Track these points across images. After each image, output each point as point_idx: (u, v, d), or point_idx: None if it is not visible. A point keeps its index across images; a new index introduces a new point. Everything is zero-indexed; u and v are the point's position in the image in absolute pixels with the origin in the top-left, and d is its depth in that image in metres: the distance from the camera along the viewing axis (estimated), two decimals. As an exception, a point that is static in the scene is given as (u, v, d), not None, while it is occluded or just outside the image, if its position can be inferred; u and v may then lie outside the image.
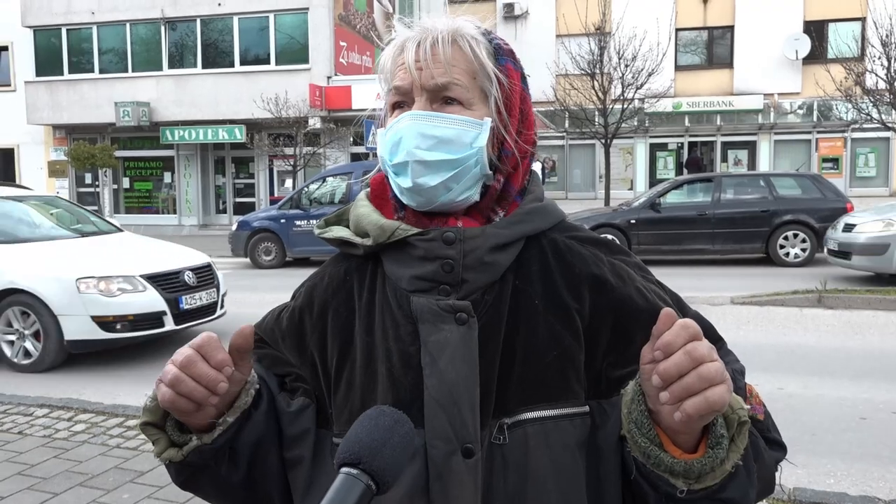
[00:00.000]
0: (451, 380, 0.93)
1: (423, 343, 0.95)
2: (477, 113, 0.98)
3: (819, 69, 18.50)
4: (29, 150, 23.34)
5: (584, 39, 18.80)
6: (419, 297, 0.97)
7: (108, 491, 3.93)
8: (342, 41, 20.97)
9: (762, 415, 0.95)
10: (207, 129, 21.15)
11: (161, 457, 0.94)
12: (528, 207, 1.02)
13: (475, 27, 1.01)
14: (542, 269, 1.00)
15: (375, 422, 0.79)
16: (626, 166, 24.16)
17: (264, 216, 14.30)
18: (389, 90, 1.01)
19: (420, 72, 0.97)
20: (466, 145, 0.97)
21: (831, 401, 5.34)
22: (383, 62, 1.02)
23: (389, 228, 1.00)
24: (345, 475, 0.75)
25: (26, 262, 6.99)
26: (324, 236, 1.10)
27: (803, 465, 4.10)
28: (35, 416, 5.23)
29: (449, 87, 0.97)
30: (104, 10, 21.61)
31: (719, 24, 23.89)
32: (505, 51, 1.02)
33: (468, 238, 0.97)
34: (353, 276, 1.06)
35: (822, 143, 23.03)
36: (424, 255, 0.98)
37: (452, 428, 0.92)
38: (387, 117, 1.03)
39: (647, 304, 0.98)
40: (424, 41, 0.98)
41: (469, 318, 0.95)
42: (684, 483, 0.84)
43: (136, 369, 6.75)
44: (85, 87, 21.84)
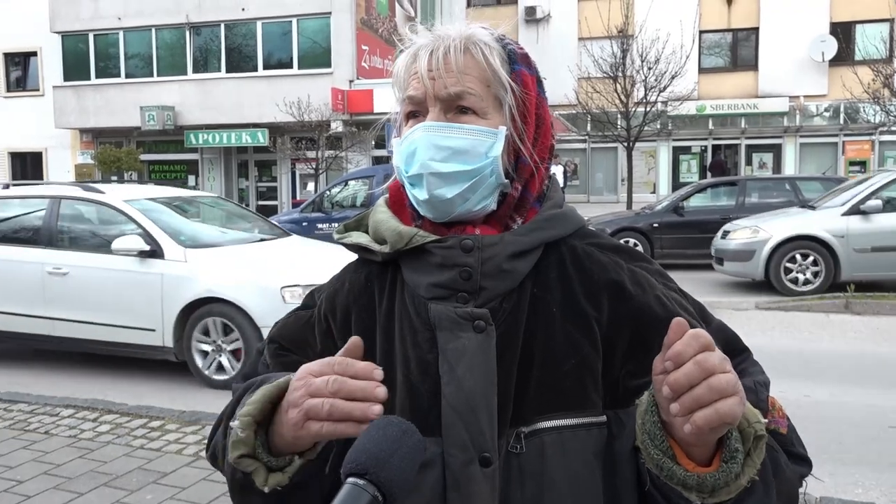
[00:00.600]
0: (469, 388, 0.92)
1: (441, 350, 0.95)
2: (491, 122, 0.98)
3: (846, 71, 18.23)
4: (56, 153, 23.70)
5: (607, 42, 18.70)
6: (437, 305, 0.97)
7: (132, 491, 3.96)
8: (364, 45, 21.07)
9: (785, 428, 0.93)
10: (231, 133, 21.34)
11: (268, 485, 0.88)
12: (546, 214, 1.01)
13: (489, 33, 1.00)
14: (561, 277, 0.99)
15: (384, 432, 0.78)
16: (649, 170, 23.99)
17: (286, 219, 14.40)
18: (403, 99, 1.00)
19: (433, 81, 0.96)
20: (481, 155, 0.96)
21: (859, 408, 5.25)
22: (397, 71, 1.02)
23: (407, 235, 0.99)
24: (351, 485, 0.73)
25: (222, 268, 6.27)
26: (343, 242, 1.09)
27: (830, 475, 4.03)
28: (61, 416, 5.30)
29: (462, 96, 0.96)
30: (130, 16, 21.91)
31: (744, 26, 23.66)
32: (519, 56, 1.01)
33: (486, 246, 0.97)
34: (373, 282, 1.05)
35: (848, 145, 22.71)
36: (442, 263, 0.97)
37: (470, 436, 0.92)
38: (401, 126, 1.03)
39: (665, 313, 0.96)
40: (437, 50, 0.97)
41: (487, 326, 0.94)
42: (698, 497, 0.82)
43: (160, 371, 6.81)
44: (111, 92, 22.15)
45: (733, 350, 1.01)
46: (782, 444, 0.91)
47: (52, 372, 6.85)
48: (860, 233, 9.44)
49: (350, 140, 20.28)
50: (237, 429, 0.88)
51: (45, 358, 7.44)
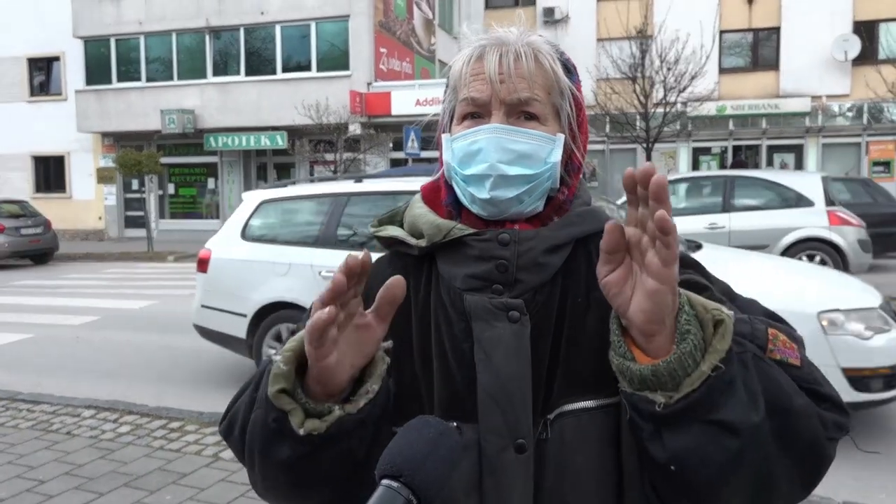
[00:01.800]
0: (506, 375, 0.94)
1: (477, 339, 0.97)
2: (550, 128, 1.01)
3: (869, 70, 17.99)
4: (79, 157, 23.98)
5: (626, 43, 18.60)
6: (472, 296, 0.99)
7: (152, 492, 3.99)
8: (382, 48, 21.12)
9: (797, 360, 0.88)
10: (250, 136, 21.48)
11: (303, 427, 0.86)
12: (578, 211, 1.05)
13: (546, 42, 1.03)
14: (589, 270, 1.00)
15: (419, 433, 0.77)
16: (669, 171, 23.80)
17: None
18: (463, 99, 1.01)
19: (502, 84, 0.98)
20: (542, 160, 1.00)
21: (885, 411, 5.16)
22: (457, 67, 1.02)
23: (445, 227, 1.02)
24: (385, 488, 0.73)
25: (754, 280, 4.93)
26: (379, 234, 1.11)
27: (855, 479, 3.97)
28: (83, 416, 5.35)
29: (530, 102, 0.99)
30: (151, 20, 22.12)
31: (765, 26, 23.41)
32: (573, 66, 1.05)
33: (523, 240, 1.00)
34: (409, 275, 1.05)
35: (872, 146, 22.39)
36: (479, 255, 1.00)
37: (506, 423, 0.94)
38: (451, 124, 1.05)
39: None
40: (507, 54, 0.98)
41: (521, 316, 0.97)
42: (662, 395, 0.81)
43: (180, 372, 6.86)
44: (132, 96, 22.38)
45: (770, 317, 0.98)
46: (799, 381, 0.87)
47: (73, 373, 6.92)
48: None
49: (368, 142, 20.33)
50: (279, 362, 0.87)
51: (67, 359, 7.52)
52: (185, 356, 7.43)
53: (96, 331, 8.97)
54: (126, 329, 9.00)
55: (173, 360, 7.28)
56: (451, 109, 1.05)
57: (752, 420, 0.80)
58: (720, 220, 10.04)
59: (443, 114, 1.08)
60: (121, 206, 23.83)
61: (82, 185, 24.00)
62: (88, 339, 8.50)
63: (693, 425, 0.80)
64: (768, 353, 0.87)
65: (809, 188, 9.97)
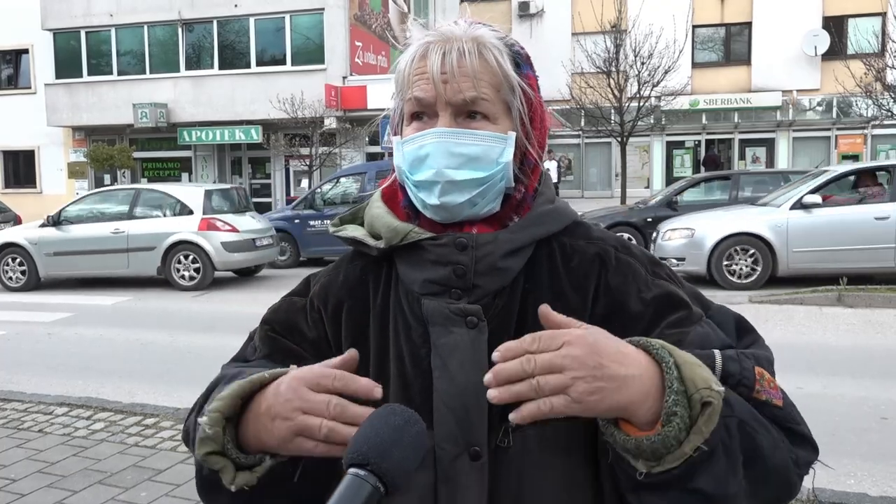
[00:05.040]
0: (461, 383, 0.93)
1: (434, 346, 0.95)
2: (501, 126, 0.97)
3: (838, 65, 18.27)
4: (49, 151, 23.60)
5: (600, 37, 18.71)
6: (430, 301, 0.97)
7: (127, 489, 3.96)
8: (357, 41, 21.02)
9: (780, 400, 0.90)
10: (224, 130, 21.29)
11: (234, 484, 0.85)
12: (539, 210, 1.01)
13: (495, 35, 0.98)
14: (551, 273, 1.00)
15: (385, 421, 0.77)
16: (643, 164, 24.02)
17: (278, 216, 14.39)
18: (408, 98, 0.98)
19: (445, 85, 0.94)
20: (493, 161, 0.96)
21: (852, 400, 5.28)
22: (401, 67, 0.99)
23: (402, 231, 1.00)
24: (352, 476, 0.73)
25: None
26: (338, 235, 1.09)
27: (822, 467, 4.05)
28: (55, 414, 5.29)
29: (476, 101, 0.95)
30: (122, 13, 21.80)
31: (737, 21, 23.69)
32: (524, 58, 1.00)
33: (481, 244, 0.97)
34: (368, 275, 1.05)
35: (841, 139, 22.78)
36: (437, 260, 0.97)
37: (460, 430, 0.93)
38: (401, 124, 1.01)
39: (641, 309, 0.97)
40: (450, 51, 0.94)
41: (479, 322, 0.95)
42: (644, 465, 0.80)
43: (153, 368, 6.81)
44: (103, 89, 22.05)
45: (740, 330, 1.00)
46: (779, 420, 0.88)
47: (46, 370, 6.83)
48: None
49: (344, 136, 20.24)
50: (205, 425, 0.85)
51: (39, 356, 7.43)
52: (159, 352, 7.37)
53: (69, 327, 8.86)
54: (99, 325, 8.90)
55: (147, 356, 7.22)
56: (399, 109, 1.01)
57: (729, 490, 0.81)
58: (122, 226, 11.77)
59: (392, 114, 1.04)
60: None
61: (53, 179, 23.62)
62: (61, 335, 8.40)
63: (671, 491, 0.81)
64: (755, 393, 0.88)
65: (192, 199, 11.85)
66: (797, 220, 9.77)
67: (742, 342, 0.99)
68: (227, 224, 11.74)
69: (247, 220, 12.32)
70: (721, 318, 1.00)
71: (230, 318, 8.79)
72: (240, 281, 12.58)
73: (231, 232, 11.67)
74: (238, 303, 10.11)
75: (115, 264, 11.74)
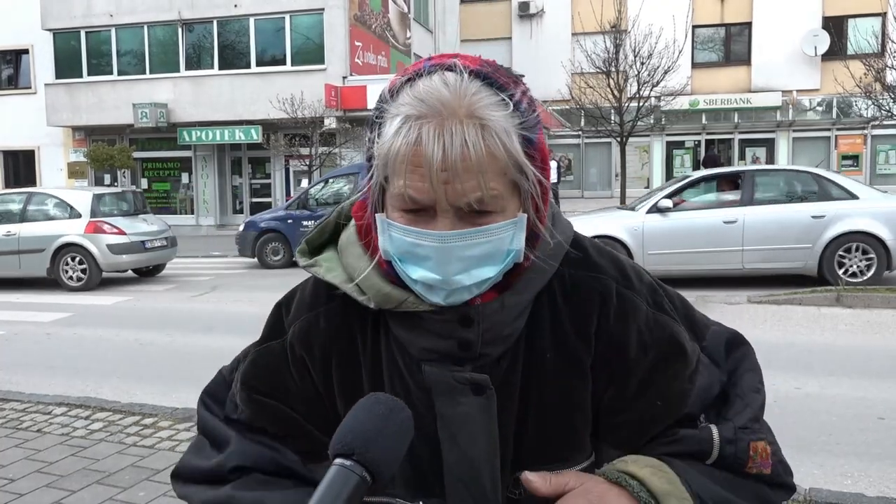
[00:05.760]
0: (473, 456, 0.91)
1: (440, 416, 0.91)
2: (510, 212, 0.85)
3: (838, 65, 18.27)
4: (49, 151, 23.61)
5: (600, 37, 18.71)
6: (432, 368, 0.91)
7: (125, 489, 3.96)
8: (357, 41, 21.02)
9: (769, 469, 0.94)
10: (224, 130, 21.29)
11: None
12: (541, 260, 0.92)
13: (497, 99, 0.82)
14: (553, 315, 0.95)
15: (370, 410, 0.76)
16: (643, 164, 24.03)
17: (271, 217, 14.42)
18: (398, 193, 0.83)
19: (447, 186, 0.80)
20: (504, 253, 0.86)
21: (849, 401, 5.28)
22: (387, 142, 0.82)
23: (396, 300, 0.90)
24: (338, 467, 0.72)
25: None
26: (314, 273, 0.97)
27: (820, 466, 4.06)
28: (53, 414, 5.29)
29: (483, 201, 0.82)
30: (122, 13, 21.81)
31: (737, 21, 23.69)
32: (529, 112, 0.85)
33: (488, 315, 0.90)
34: (352, 321, 0.96)
35: (841, 140, 22.78)
36: (439, 333, 0.90)
37: (474, 500, 0.92)
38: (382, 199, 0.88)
39: (639, 354, 0.96)
40: (451, 142, 0.79)
41: (487, 390, 0.91)
42: None
43: (152, 368, 6.81)
44: (103, 89, 22.06)
45: (729, 349, 1.01)
46: (768, 481, 0.94)
47: (44, 370, 6.84)
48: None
49: (344, 136, 20.25)
50: None
51: (38, 356, 7.43)
52: (158, 352, 7.37)
53: (68, 327, 8.86)
54: (98, 325, 8.90)
55: (146, 357, 7.23)
56: (379, 184, 0.87)
57: None
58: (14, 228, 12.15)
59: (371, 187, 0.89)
60: (92, 201, 23.49)
61: (53, 179, 23.61)
62: (60, 335, 8.40)
63: None
64: (746, 468, 0.92)
65: (80, 202, 12.27)
66: (652, 224, 10.03)
67: (729, 362, 1.01)
68: (115, 227, 12.21)
69: (138, 223, 12.75)
70: (713, 348, 1.01)
71: (229, 319, 8.80)
72: (239, 282, 12.60)
73: (118, 234, 12.15)
74: (237, 303, 10.12)
75: (8, 265, 12.26)
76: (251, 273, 13.56)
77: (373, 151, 0.87)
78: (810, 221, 9.75)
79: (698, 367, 0.97)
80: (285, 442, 0.98)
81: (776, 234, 9.77)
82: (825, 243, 9.71)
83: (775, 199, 10.32)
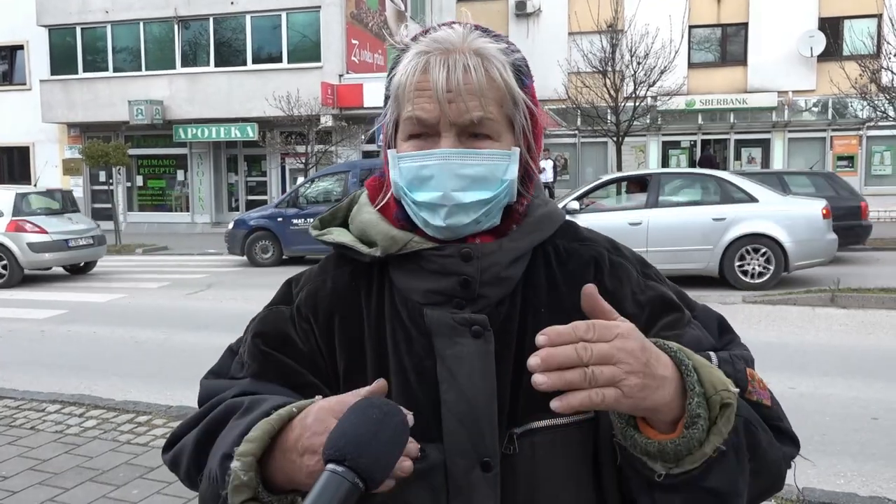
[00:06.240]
0: (472, 394, 0.91)
1: (440, 357, 0.93)
2: (504, 142, 0.94)
3: (834, 66, 18.29)
4: (44, 148, 23.53)
5: (597, 37, 18.71)
6: (433, 310, 0.95)
7: (118, 486, 3.96)
8: (354, 39, 21.00)
9: (769, 401, 0.92)
10: (220, 128, 21.25)
11: None
12: (537, 216, 1.01)
13: (496, 46, 0.93)
14: (548, 277, 1.00)
15: (363, 414, 0.74)
16: (639, 164, 24.03)
17: (260, 215, 14.40)
18: (408, 116, 0.93)
19: (451, 104, 0.90)
20: (498, 180, 0.93)
21: (843, 401, 5.30)
22: (400, 78, 0.93)
23: (401, 240, 0.97)
24: (330, 473, 0.71)
25: None
26: (323, 239, 1.04)
27: (813, 465, 4.07)
28: (47, 411, 5.28)
29: (482, 122, 0.91)
30: (118, 9, 21.74)
31: (733, 21, 23.72)
32: (525, 68, 0.97)
33: (486, 254, 0.95)
34: (359, 282, 1.01)
35: (836, 140, 22.82)
36: (439, 270, 0.95)
37: (472, 443, 0.91)
38: (395, 136, 0.96)
39: (636, 310, 0.98)
40: (454, 67, 0.89)
41: (485, 332, 0.93)
42: (663, 466, 0.81)
43: (146, 366, 6.80)
44: (99, 86, 21.99)
45: (721, 329, 1.03)
46: (768, 419, 0.91)
47: (38, 367, 6.82)
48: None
49: (340, 135, 20.23)
50: (239, 471, 0.79)
51: (32, 353, 7.41)
52: (152, 350, 7.36)
53: (62, 324, 8.84)
54: (93, 323, 8.88)
55: (140, 354, 7.21)
56: (394, 121, 0.96)
57: (739, 487, 0.83)
58: None
59: (385, 123, 0.98)
60: (87, 198, 23.43)
61: (48, 176, 23.52)
62: (54, 332, 8.38)
63: (684, 491, 0.83)
64: (747, 393, 0.90)
65: (2, 202, 12.56)
66: None
67: (722, 341, 1.01)
68: (36, 226, 12.43)
69: (62, 222, 12.95)
70: (705, 318, 1.03)
71: (224, 317, 8.79)
72: (234, 280, 12.58)
73: (39, 233, 12.38)
74: (232, 301, 10.10)
75: None
76: (246, 271, 13.54)
77: (388, 92, 0.96)
78: (712, 224, 9.88)
79: (691, 322, 0.99)
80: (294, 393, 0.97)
81: (679, 236, 9.87)
82: (725, 245, 9.81)
83: (679, 202, 10.43)
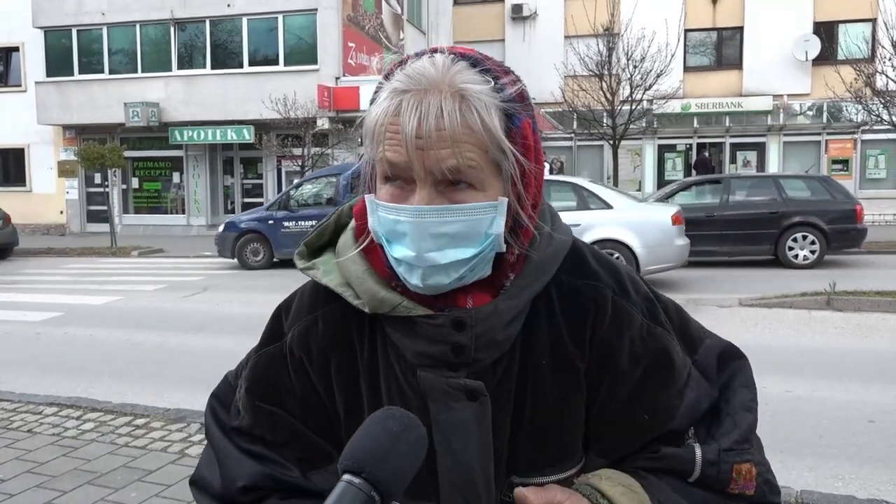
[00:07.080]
0: (466, 461, 0.91)
1: (435, 422, 0.91)
2: (490, 191, 0.84)
3: (829, 70, 18.40)
4: (39, 150, 23.46)
5: (593, 40, 18.76)
6: (427, 373, 0.91)
7: (116, 489, 3.94)
8: (350, 42, 21.00)
9: (752, 490, 0.95)
10: (216, 130, 21.22)
11: None
12: (538, 261, 0.92)
13: (481, 79, 0.83)
14: (549, 320, 0.95)
15: (383, 426, 0.74)
16: (635, 167, 24.09)
17: (250, 217, 14.37)
18: (380, 158, 0.85)
19: (421, 152, 0.81)
20: (482, 235, 0.85)
21: (840, 403, 5.31)
22: (371, 118, 0.85)
23: (389, 303, 0.90)
24: (346, 484, 0.70)
25: None
26: (315, 279, 0.98)
27: (811, 468, 4.08)
28: (44, 414, 5.26)
29: (459, 170, 0.82)
30: (114, 11, 21.71)
31: (728, 25, 23.80)
32: (518, 104, 0.86)
33: (480, 320, 0.89)
34: (350, 323, 0.96)
35: (831, 144, 22.91)
36: (431, 338, 0.90)
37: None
38: (374, 179, 0.89)
39: (631, 368, 0.96)
40: (427, 112, 0.80)
41: (481, 396, 0.91)
42: None
43: (144, 368, 6.78)
44: (95, 88, 21.95)
45: (721, 365, 1.02)
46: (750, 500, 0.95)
47: (35, 370, 6.79)
48: None
49: (336, 137, 20.22)
50: None
51: (28, 356, 7.39)
52: (149, 352, 7.34)
53: (58, 327, 8.81)
54: (89, 325, 8.85)
55: (137, 357, 7.19)
56: (371, 163, 0.89)
57: None
58: None
59: (364, 165, 0.91)
60: (83, 200, 23.38)
61: (43, 178, 23.49)
62: (50, 335, 8.35)
63: None
64: (728, 489, 0.94)
65: None
66: None
67: (724, 372, 1.01)
68: None
69: None
70: (705, 362, 1.01)
71: (221, 319, 8.78)
72: (230, 282, 12.56)
73: None
74: (228, 303, 10.08)
75: None
76: (242, 273, 13.53)
77: (363, 131, 0.89)
78: None
79: (689, 381, 0.97)
80: (283, 450, 0.98)
81: None
82: None
83: None
